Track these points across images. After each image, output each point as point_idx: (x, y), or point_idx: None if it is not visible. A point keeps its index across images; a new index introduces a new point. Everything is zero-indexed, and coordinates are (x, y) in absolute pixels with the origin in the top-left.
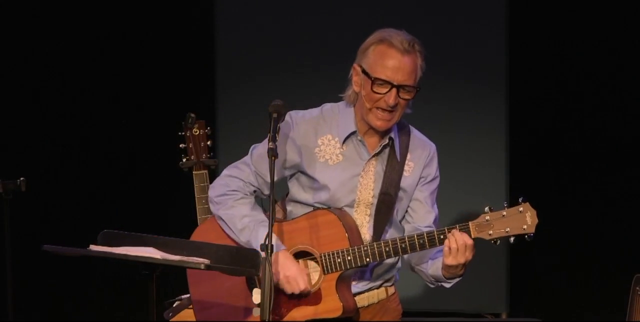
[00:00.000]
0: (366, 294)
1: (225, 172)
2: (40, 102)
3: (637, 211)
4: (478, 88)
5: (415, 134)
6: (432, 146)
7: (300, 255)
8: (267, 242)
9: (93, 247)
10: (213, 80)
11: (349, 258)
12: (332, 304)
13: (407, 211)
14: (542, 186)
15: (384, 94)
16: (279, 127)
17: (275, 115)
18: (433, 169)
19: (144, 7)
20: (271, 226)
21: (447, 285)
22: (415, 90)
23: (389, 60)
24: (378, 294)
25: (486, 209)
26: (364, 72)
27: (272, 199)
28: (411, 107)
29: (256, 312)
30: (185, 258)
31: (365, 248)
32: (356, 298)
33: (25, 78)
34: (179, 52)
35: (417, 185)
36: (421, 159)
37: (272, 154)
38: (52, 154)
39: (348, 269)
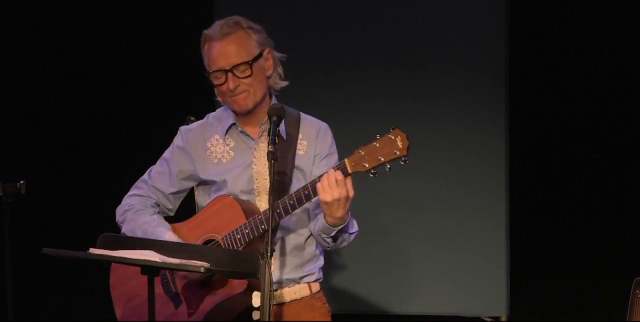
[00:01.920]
0: (287, 289)
1: (126, 195)
2: (39, 104)
3: (638, 212)
4: (478, 87)
5: (305, 117)
6: (323, 124)
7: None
8: (265, 245)
9: (93, 251)
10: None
11: (247, 231)
12: (235, 281)
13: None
14: (543, 187)
15: (224, 82)
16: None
17: (274, 118)
18: (327, 145)
19: (143, 7)
20: (270, 227)
21: (333, 232)
22: (249, 66)
23: (211, 51)
24: (300, 290)
25: (362, 144)
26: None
27: (271, 200)
28: (281, 77)
29: (256, 315)
30: (184, 261)
31: (260, 216)
32: (277, 292)
33: (25, 80)
34: (178, 54)
35: (313, 163)
36: (312, 135)
37: (272, 157)
38: (52, 157)
39: (247, 242)
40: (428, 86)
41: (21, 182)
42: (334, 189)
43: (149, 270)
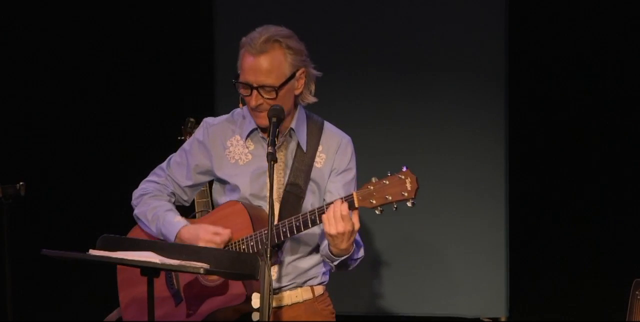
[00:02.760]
0: (289, 292)
1: (144, 180)
2: (39, 105)
3: (638, 213)
4: (478, 87)
5: (328, 127)
6: (345, 137)
7: None
8: (266, 246)
9: (92, 252)
10: (212, 84)
11: (252, 243)
12: (235, 290)
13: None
14: (542, 188)
15: (249, 95)
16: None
17: (274, 119)
18: (345, 160)
19: (144, 7)
20: (271, 228)
21: (337, 261)
22: (275, 91)
23: (245, 63)
24: (302, 293)
25: (373, 179)
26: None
27: (271, 200)
28: (312, 93)
29: (255, 316)
30: (184, 262)
31: (266, 232)
32: (278, 296)
33: (24, 81)
34: (178, 56)
35: (329, 177)
36: (331, 149)
37: (272, 158)
38: (52, 158)
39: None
40: (428, 87)
41: (20, 183)
42: (338, 222)
43: (149, 271)
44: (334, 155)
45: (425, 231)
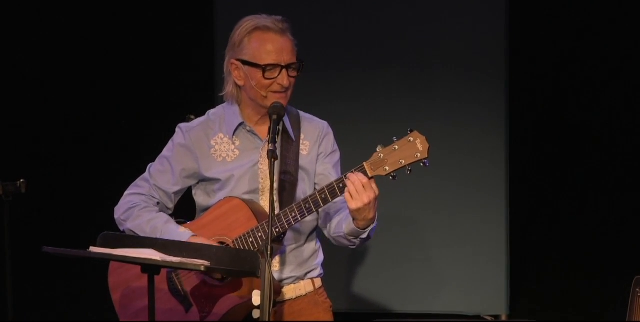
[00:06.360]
0: (293, 285)
1: (125, 193)
2: (40, 103)
3: (638, 211)
4: (478, 87)
5: (304, 115)
6: (324, 123)
7: None
8: (265, 244)
9: (93, 249)
10: (212, 81)
11: (260, 234)
12: (247, 286)
13: (314, 190)
14: (543, 186)
15: (276, 77)
16: (173, 141)
17: (274, 117)
18: (330, 144)
19: (144, 6)
20: (271, 226)
21: (365, 234)
22: (300, 67)
23: (270, 44)
24: (305, 286)
25: (378, 147)
26: (248, 63)
27: (272, 199)
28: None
29: (256, 313)
30: (184, 260)
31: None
32: (284, 290)
33: (25, 79)
34: (178, 53)
35: (317, 162)
36: (314, 136)
37: (272, 155)
38: (52, 155)
39: (262, 245)
40: (428, 86)
41: (21, 180)
42: (362, 194)
43: (149, 268)
44: (318, 140)
45: (425, 228)
